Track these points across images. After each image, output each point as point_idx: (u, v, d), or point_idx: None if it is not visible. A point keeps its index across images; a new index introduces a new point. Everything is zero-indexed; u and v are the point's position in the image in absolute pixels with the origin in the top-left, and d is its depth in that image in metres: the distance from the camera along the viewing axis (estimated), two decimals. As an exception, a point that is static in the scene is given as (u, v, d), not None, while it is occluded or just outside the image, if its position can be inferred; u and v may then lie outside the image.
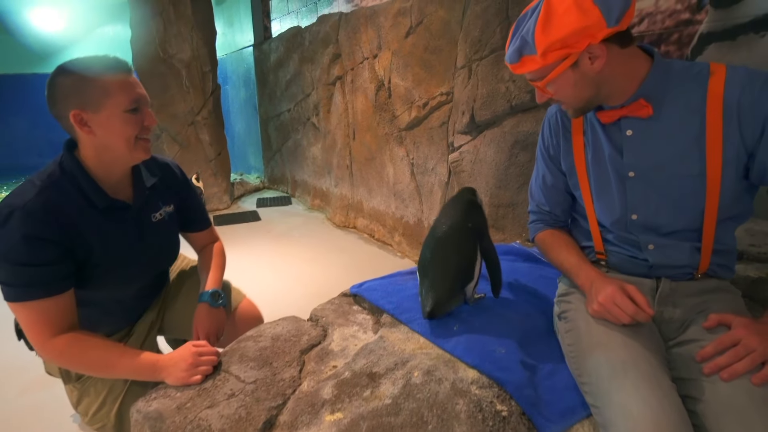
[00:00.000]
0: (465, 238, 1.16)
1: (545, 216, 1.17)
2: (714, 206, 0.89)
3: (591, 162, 1.02)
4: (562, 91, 0.92)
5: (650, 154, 0.93)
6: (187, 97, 4.31)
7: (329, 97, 4.09)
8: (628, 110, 0.92)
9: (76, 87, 0.95)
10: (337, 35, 3.80)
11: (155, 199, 1.18)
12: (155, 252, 1.19)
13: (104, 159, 1.03)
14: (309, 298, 2.69)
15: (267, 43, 5.08)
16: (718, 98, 0.85)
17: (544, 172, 1.15)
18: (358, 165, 3.84)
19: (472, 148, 2.13)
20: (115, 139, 0.99)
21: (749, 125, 0.83)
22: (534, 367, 1.05)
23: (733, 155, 0.86)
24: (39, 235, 0.92)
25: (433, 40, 2.74)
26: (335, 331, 1.24)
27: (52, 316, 0.96)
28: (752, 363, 0.77)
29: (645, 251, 0.99)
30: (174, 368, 0.99)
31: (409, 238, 3.31)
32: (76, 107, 0.95)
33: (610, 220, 1.01)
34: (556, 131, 1.10)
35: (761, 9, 1.35)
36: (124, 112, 0.98)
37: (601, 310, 0.90)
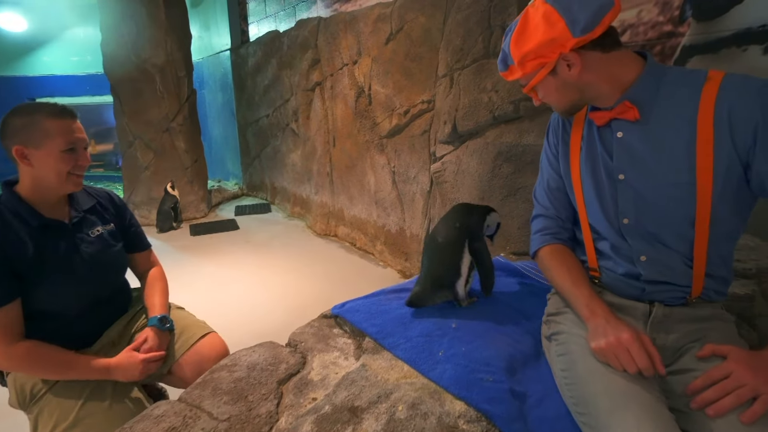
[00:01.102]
0: (452, 238, 1.31)
1: (551, 223, 1.12)
2: (705, 218, 0.86)
3: (584, 163, 1.01)
4: (547, 96, 0.99)
5: (639, 157, 0.92)
6: (162, 102, 4.18)
7: (308, 103, 4.02)
8: (616, 112, 0.92)
9: (23, 126, 1.12)
10: (316, 40, 3.74)
11: (93, 218, 1.31)
12: (97, 263, 1.27)
13: (39, 187, 1.18)
14: (290, 312, 2.63)
15: (244, 47, 4.98)
16: (710, 106, 0.83)
17: (548, 175, 1.13)
18: (338, 172, 3.78)
19: (454, 159, 2.09)
20: (48, 173, 1.16)
21: (740, 133, 0.81)
22: (523, 395, 1.00)
23: (725, 165, 0.83)
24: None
25: (414, 47, 2.70)
26: (315, 358, 1.17)
27: (7, 324, 1.10)
28: (739, 399, 0.74)
29: (638, 264, 0.95)
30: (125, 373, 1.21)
31: (391, 247, 3.27)
32: (20, 143, 1.12)
33: (604, 224, 0.99)
34: (557, 133, 1.10)
35: (743, 23, 1.35)
36: (61, 152, 1.15)
37: (607, 351, 0.85)
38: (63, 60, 6.83)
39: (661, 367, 0.82)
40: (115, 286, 1.38)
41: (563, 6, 0.87)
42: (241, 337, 1.58)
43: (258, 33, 4.95)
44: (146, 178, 4.29)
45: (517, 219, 1.84)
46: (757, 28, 1.33)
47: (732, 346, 0.84)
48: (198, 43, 5.51)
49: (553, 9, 0.87)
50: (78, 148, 1.18)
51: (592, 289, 0.98)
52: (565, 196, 1.10)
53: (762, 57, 1.33)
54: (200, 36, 5.88)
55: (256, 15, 5.02)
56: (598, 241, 1.03)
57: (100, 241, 1.29)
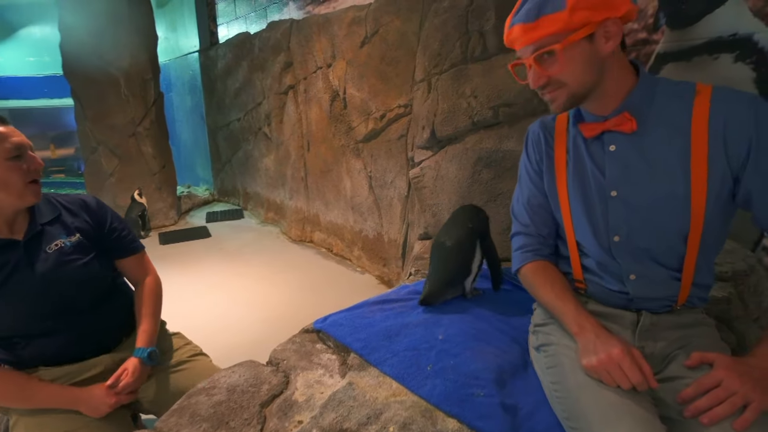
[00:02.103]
0: (465, 236, 1.39)
1: (531, 240, 1.08)
2: (697, 231, 0.86)
3: (572, 180, 0.97)
4: (570, 65, 0.84)
5: (633, 172, 0.89)
6: (127, 107, 4.02)
7: (281, 106, 3.94)
8: (612, 123, 0.89)
9: None
10: (288, 43, 3.67)
11: (53, 231, 1.21)
12: (51, 281, 1.16)
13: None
14: (268, 323, 2.55)
15: (214, 49, 4.85)
16: (704, 118, 0.83)
17: (530, 191, 1.08)
18: (313, 177, 3.71)
19: (433, 164, 2.07)
20: (5, 189, 1.06)
21: (735, 147, 0.81)
22: (514, 408, 0.99)
23: (719, 178, 0.83)
24: None
25: (390, 51, 2.67)
26: (298, 377, 1.13)
27: None
28: (733, 407, 0.75)
29: (627, 282, 0.94)
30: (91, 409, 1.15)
31: (369, 252, 3.23)
32: None
33: (593, 242, 0.96)
34: (539, 148, 1.05)
35: (714, 31, 1.38)
36: (6, 160, 1.04)
37: (599, 368, 0.83)
38: (18, 60, 6.48)
39: (653, 381, 0.81)
40: (90, 298, 1.24)
41: None
42: (217, 352, 1.50)
43: (228, 35, 4.83)
44: (111, 186, 4.11)
45: (498, 224, 1.83)
46: (728, 37, 1.36)
47: (718, 354, 0.84)
48: (164, 44, 5.33)
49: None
50: (23, 153, 1.08)
51: (579, 302, 0.96)
52: (547, 213, 1.06)
53: (732, 65, 1.36)
54: (167, 37, 5.69)
55: (225, 16, 4.89)
56: (585, 258, 1.01)
57: (57, 255, 1.18)
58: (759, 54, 1.31)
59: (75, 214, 1.26)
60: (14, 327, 1.14)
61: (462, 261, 1.39)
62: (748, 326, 1.25)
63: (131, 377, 1.18)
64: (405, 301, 1.44)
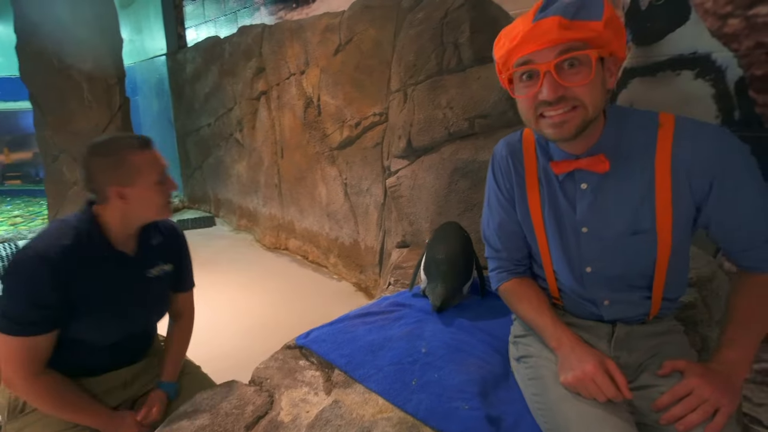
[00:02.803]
0: (466, 245, 1.50)
1: (505, 263, 1.10)
2: (665, 256, 0.90)
3: (547, 215, 0.97)
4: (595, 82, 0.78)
5: (602, 209, 0.90)
6: (90, 112, 3.86)
7: (253, 112, 3.89)
8: (585, 163, 0.88)
9: (112, 166, 1.08)
10: (260, 48, 3.62)
11: (155, 256, 1.24)
12: (143, 305, 1.23)
13: (127, 219, 1.14)
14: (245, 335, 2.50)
15: (182, 53, 4.74)
16: (667, 153, 0.84)
17: (500, 218, 1.07)
18: (287, 184, 3.68)
19: (410, 173, 2.09)
20: (146, 208, 1.14)
21: (698, 181, 0.83)
22: (498, 420, 1.01)
23: (683, 209, 0.86)
24: (48, 281, 1.03)
25: (364, 59, 2.68)
26: (283, 396, 1.12)
27: (39, 353, 1.06)
28: (705, 414, 0.79)
29: (600, 307, 0.97)
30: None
31: (345, 260, 3.22)
32: (115, 184, 1.08)
33: (567, 273, 0.98)
34: (508, 176, 1.03)
35: (677, 49, 1.45)
36: (154, 184, 1.12)
37: (576, 384, 0.86)
38: (-31, 62, 6.15)
39: (627, 393, 0.84)
40: (151, 325, 1.33)
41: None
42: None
43: (196, 38, 4.72)
44: (75, 195, 3.94)
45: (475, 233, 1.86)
46: (689, 54, 1.44)
47: (688, 362, 0.88)
48: (129, 46, 5.16)
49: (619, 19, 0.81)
50: (165, 177, 1.16)
51: (556, 317, 0.99)
52: (519, 239, 1.06)
53: (693, 81, 1.44)
54: (132, 39, 5.52)
55: (193, 19, 4.78)
56: (561, 283, 1.03)
57: (155, 281, 1.24)
58: (717, 72, 1.39)
59: (170, 241, 1.30)
60: (95, 337, 1.15)
61: (467, 266, 1.49)
62: (712, 329, 1.32)
63: (159, 414, 1.18)
64: (387, 314, 1.45)
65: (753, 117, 1.35)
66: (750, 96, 1.35)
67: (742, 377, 0.87)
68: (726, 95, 1.38)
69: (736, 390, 0.83)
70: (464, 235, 1.54)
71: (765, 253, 0.86)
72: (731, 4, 1.34)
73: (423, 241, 2.06)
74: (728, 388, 0.82)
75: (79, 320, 1.09)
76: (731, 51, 1.36)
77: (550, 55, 0.77)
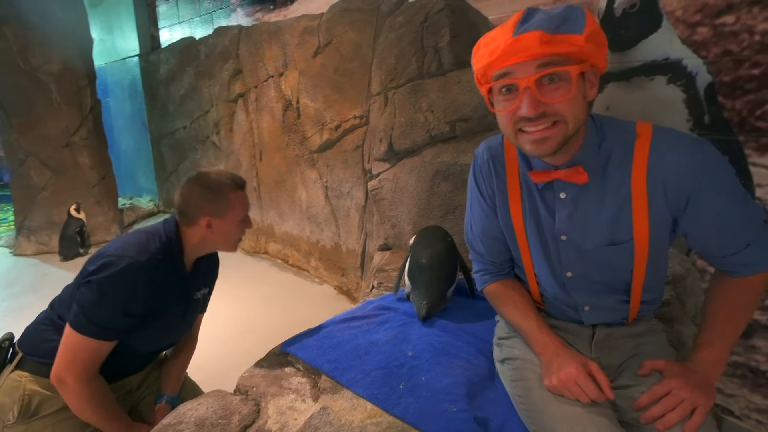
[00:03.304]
0: (449, 249, 1.48)
1: (489, 266, 1.11)
2: (642, 264, 0.92)
3: (528, 222, 0.98)
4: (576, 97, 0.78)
5: (580, 219, 0.91)
6: (60, 114, 3.74)
7: (231, 115, 3.83)
8: (563, 174, 0.87)
9: (213, 199, 1.19)
10: (237, 50, 3.57)
11: (201, 280, 1.34)
12: (183, 325, 1.34)
13: (204, 246, 1.25)
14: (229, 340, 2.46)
15: (156, 54, 4.63)
16: (643, 165, 0.84)
17: (483, 223, 1.07)
18: (266, 187, 3.64)
19: (391, 176, 2.10)
20: (226, 240, 1.25)
21: (674, 194, 0.84)
22: (485, 421, 1.02)
23: (659, 220, 0.86)
24: (145, 292, 1.10)
25: (344, 62, 2.68)
26: (269, 404, 1.10)
27: (101, 358, 1.12)
28: (683, 413, 0.82)
29: (581, 313, 1.00)
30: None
31: (326, 263, 3.21)
32: (209, 215, 1.19)
33: (549, 278, 1.00)
34: (489, 181, 1.03)
35: (649, 55, 1.50)
36: (239, 222, 1.24)
37: (560, 387, 0.88)
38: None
39: (610, 393, 0.86)
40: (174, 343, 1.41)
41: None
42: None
43: (170, 39, 4.63)
44: (43, 200, 3.81)
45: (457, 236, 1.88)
46: (661, 60, 1.49)
47: (666, 361, 0.91)
48: (100, 46, 5.02)
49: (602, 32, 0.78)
50: (247, 217, 1.28)
51: (541, 321, 1.00)
52: (501, 244, 1.07)
53: (666, 87, 1.49)
54: (102, 39, 5.36)
55: (167, 19, 4.69)
56: (542, 288, 1.04)
57: (197, 303, 1.34)
58: (688, 77, 1.44)
59: (211, 266, 1.40)
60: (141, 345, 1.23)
61: (451, 271, 1.48)
62: (687, 325, 1.36)
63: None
64: (372, 318, 1.45)
65: (722, 121, 1.41)
66: (719, 101, 1.41)
67: (718, 376, 0.90)
68: (696, 100, 1.44)
69: (711, 388, 0.86)
70: (448, 240, 1.54)
71: (742, 259, 0.87)
72: (700, 13, 1.40)
73: (405, 243, 2.07)
74: (705, 387, 0.84)
75: (140, 329, 1.16)
76: (701, 58, 1.42)
77: (530, 69, 0.76)
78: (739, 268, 0.89)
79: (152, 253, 1.13)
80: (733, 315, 0.90)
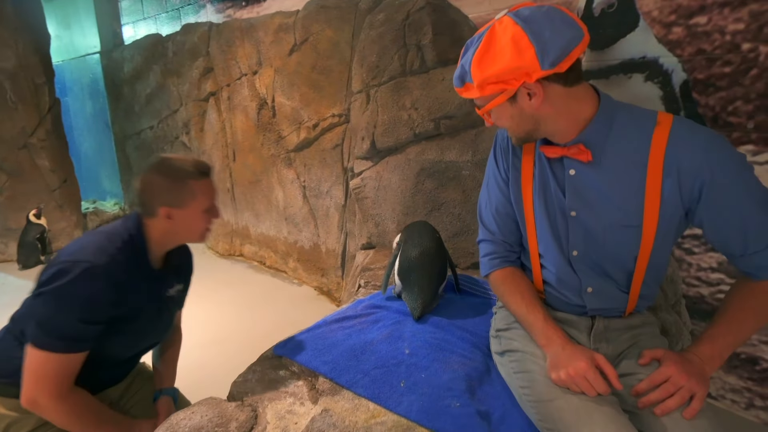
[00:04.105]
0: (440, 246, 1.49)
1: (499, 247, 1.11)
2: (646, 254, 0.94)
3: (537, 195, 1.00)
4: (500, 121, 0.95)
5: (590, 197, 0.93)
6: (15, 114, 3.53)
7: (201, 114, 3.72)
8: (569, 152, 0.92)
9: (171, 188, 1.10)
10: (207, 47, 3.47)
11: (174, 275, 1.26)
12: (159, 324, 1.25)
13: (168, 239, 1.17)
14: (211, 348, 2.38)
15: (119, 51, 4.44)
16: (660, 153, 0.86)
17: (497, 200, 1.09)
18: (241, 188, 3.56)
19: (374, 175, 2.09)
20: (189, 231, 1.17)
21: (687, 185, 0.86)
22: (487, 415, 1.03)
23: (671, 210, 0.88)
24: (107, 297, 1.02)
25: (321, 59, 2.65)
26: (267, 410, 1.07)
27: (73, 371, 1.04)
28: (681, 399, 0.84)
29: (584, 295, 1.01)
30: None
31: (305, 264, 3.16)
32: (168, 205, 1.10)
33: (555, 254, 1.01)
34: (507, 157, 1.07)
35: (627, 54, 1.56)
36: (204, 211, 1.15)
37: (568, 381, 0.89)
38: None
39: (618, 384, 0.88)
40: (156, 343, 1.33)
41: (535, 32, 0.81)
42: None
43: (134, 35, 4.45)
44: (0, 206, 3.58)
45: (443, 233, 1.89)
46: (638, 59, 1.54)
47: (665, 351, 0.93)
48: (57, 43, 4.75)
49: (523, 33, 0.81)
50: (214, 206, 1.19)
51: (547, 314, 1.01)
52: (513, 222, 1.09)
53: (643, 84, 1.54)
54: (59, 35, 5.09)
55: (131, 15, 4.50)
56: (545, 271, 1.06)
57: (171, 300, 1.26)
58: (664, 75, 1.50)
59: (183, 260, 1.31)
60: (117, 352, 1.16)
61: (442, 269, 1.48)
62: (669, 313, 1.42)
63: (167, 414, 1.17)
64: (364, 317, 1.43)
65: (696, 117, 1.47)
66: (693, 97, 1.47)
67: (713, 370, 0.92)
68: (672, 97, 1.50)
69: (706, 379, 0.88)
70: (436, 236, 1.54)
71: (760, 261, 0.87)
72: (675, 13, 1.45)
73: (389, 242, 2.06)
74: (700, 376, 0.87)
75: (112, 338, 1.09)
76: (676, 56, 1.48)
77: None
78: (756, 271, 0.89)
79: (112, 253, 1.04)
80: (744, 318, 0.90)
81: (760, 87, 1.36)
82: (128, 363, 1.27)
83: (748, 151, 1.42)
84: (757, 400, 1.56)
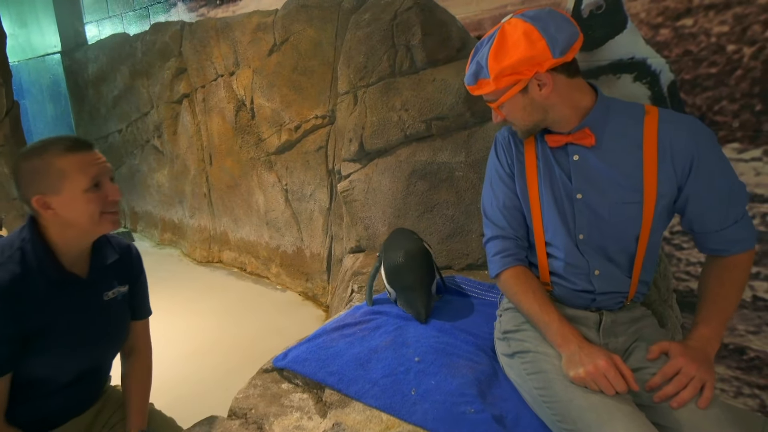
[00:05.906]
0: (423, 251, 1.49)
1: (509, 243, 1.12)
2: (647, 233, 1.00)
3: (543, 183, 1.07)
4: (512, 113, 1.02)
5: (595, 178, 1.00)
6: (-30, 118, 3.30)
7: (174, 117, 3.59)
8: (573, 138, 1.00)
9: (36, 171, 0.95)
10: (180, 47, 3.35)
11: (111, 277, 1.13)
12: (101, 331, 1.10)
13: (68, 235, 1.01)
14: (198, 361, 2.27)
15: (82, 51, 4.23)
16: (653, 136, 0.96)
17: (504, 194, 1.13)
18: (218, 193, 3.44)
19: (363, 177, 2.06)
20: (78, 218, 0.98)
21: (680, 161, 0.95)
22: (502, 419, 1.02)
23: (667, 187, 0.97)
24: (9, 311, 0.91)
25: (303, 60, 2.59)
26: (274, 426, 1.03)
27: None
28: (694, 390, 0.88)
29: (592, 278, 1.05)
30: None
31: (288, 269, 3.09)
32: (38, 192, 0.95)
33: (564, 240, 1.05)
34: (510, 152, 1.13)
35: (616, 54, 1.58)
36: (85, 192, 0.97)
37: (587, 379, 0.89)
38: None
39: (635, 385, 0.89)
40: (108, 358, 1.17)
41: (542, 26, 0.91)
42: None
43: (98, 35, 4.25)
44: (-46, 215, 3.34)
45: (436, 234, 1.88)
46: (627, 59, 1.57)
47: (671, 343, 0.97)
48: (12, 42, 4.49)
49: (533, 28, 0.91)
50: (103, 182, 1.00)
51: (561, 313, 1.03)
52: (520, 215, 1.13)
53: (632, 84, 1.57)
54: (14, 34, 4.82)
55: (94, 14, 4.30)
56: (553, 260, 1.09)
57: (113, 304, 1.12)
58: (652, 76, 1.53)
59: (124, 259, 1.17)
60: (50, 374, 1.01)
61: (429, 267, 1.48)
62: (663, 308, 1.45)
63: None
64: (364, 323, 1.40)
65: (684, 116, 1.51)
66: (681, 97, 1.51)
67: (715, 350, 0.97)
68: (660, 97, 1.53)
69: (711, 363, 0.93)
70: (415, 237, 1.56)
71: (732, 235, 0.98)
72: (662, 15, 1.49)
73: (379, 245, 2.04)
74: (706, 362, 0.91)
75: (34, 357, 0.96)
76: (663, 57, 1.51)
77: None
78: (728, 246, 0.99)
79: (2, 264, 0.94)
80: (727, 293, 0.99)
81: (744, 87, 1.41)
82: (82, 384, 1.10)
83: (733, 149, 1.47)
84: (745, 388, 1.61)
